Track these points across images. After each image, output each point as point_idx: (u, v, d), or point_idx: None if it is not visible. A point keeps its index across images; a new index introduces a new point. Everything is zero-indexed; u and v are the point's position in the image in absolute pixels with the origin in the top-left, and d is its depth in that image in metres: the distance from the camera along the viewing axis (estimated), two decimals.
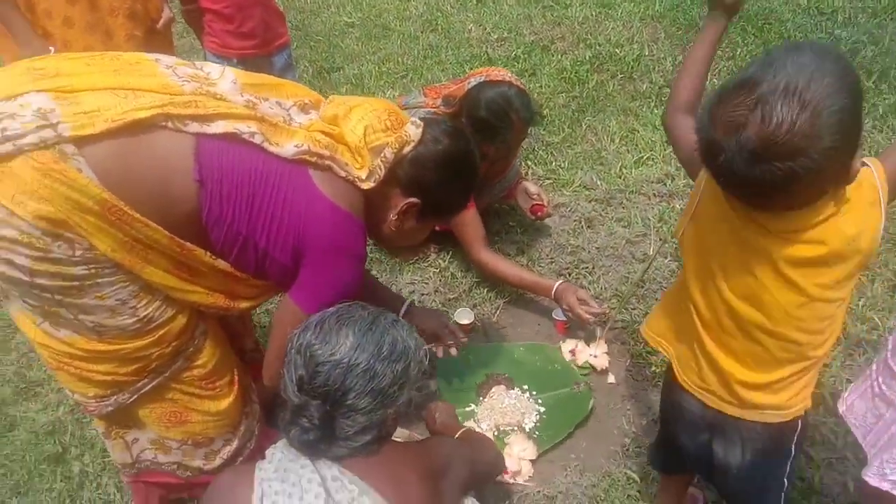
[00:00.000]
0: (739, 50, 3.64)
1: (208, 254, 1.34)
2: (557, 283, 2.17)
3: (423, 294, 2.38)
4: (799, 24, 3.84)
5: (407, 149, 1.44)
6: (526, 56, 3.70)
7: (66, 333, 1.31)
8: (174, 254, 1.30)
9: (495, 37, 3.96)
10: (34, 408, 2.08)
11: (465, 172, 1.55)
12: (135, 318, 1.31)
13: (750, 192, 1.03)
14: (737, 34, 3.77)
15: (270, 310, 2.26)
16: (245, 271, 1.42)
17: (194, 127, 1.25)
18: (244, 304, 1.49)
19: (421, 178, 1.46)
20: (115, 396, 1.43)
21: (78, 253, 1.19)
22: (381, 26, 4.19)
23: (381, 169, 1.40)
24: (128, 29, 2.20)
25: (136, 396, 1.44)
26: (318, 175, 1.36)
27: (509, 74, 2.22)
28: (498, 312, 2.34)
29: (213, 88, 1.32)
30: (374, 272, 2.45)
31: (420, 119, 1.49)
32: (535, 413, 2.00)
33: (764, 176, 0.96)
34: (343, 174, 1.38)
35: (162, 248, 1.28)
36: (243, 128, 1.29)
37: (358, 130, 1.40)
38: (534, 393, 2.06)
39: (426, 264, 2.50)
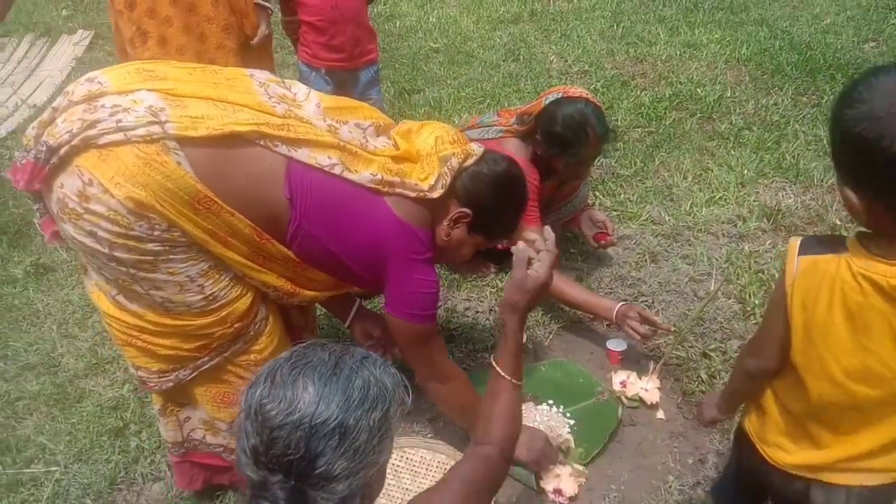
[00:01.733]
0: (826, 98, 3.54)
1: (284, 246, 1.48)
2: (619, 304, 2.16)
3: (477, 312, 2.41)
4: None
5: (469, 161, 1.59)
6: (605, 89, 3.72)
7: (137, 307, 1.43)
8: (253, 242, 1.44)
9: (576, 69, 3.99)
10: (102, 383, 2.20)
11: (516, 197, 1.70)
12: (201, 296, 1.42)
13: None
14: (825, 82, 3.68)
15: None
16: (319, 270, 1.57)
17: (283, 149, 1.41)
18: (308, 293, 1.62)
19: (476, 192, 1.60)
20: (177, 372, 1.53)
21: (155, 233, 1.31)
22: (464, 53, 4.30)
23: (447, 176, 1.55)
24: (220, 38, 2.35)
25: (195, 374, 1.54)
26: (391, 200, 1.52)
27: (586, 92, 2.26)
28: (551, 337, 2.33)
29: (299, 111, 1.47)
30: None
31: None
32: (566, 427, 2.00)
33: None
34: (413, 195, 1.53)
35: (243, 238, 1.42)
36: (324, 160, 1.45)
37: (430, 140, 1.59)
38: (561, 407, 2.06)
39: (484, 283, 2.53)
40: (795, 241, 1.13)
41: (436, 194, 1.53)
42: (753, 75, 3.85)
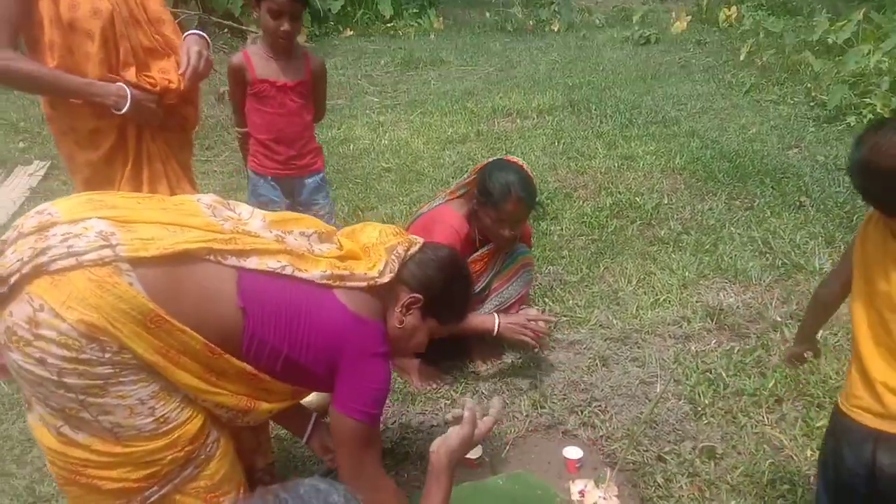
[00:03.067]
0: (757, 201, 3.75)
1: (237, 359, 1.48)
2: (498, 317, 2.38)
3: (432, 425, 2.38)
4: (816, 179, 3.96)
5: (413, 249, 1.72)
6: (549, 201, 3.87)
7: (84, 437, 1.39)
8: (206, 359, 1.43)
9: None
10: None
11: (463, 279, 1.82)
12: (152, 419, 1.39)
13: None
14: (755, 186, 3.91)
15: (284, 435, 2.28)
16: (275, 378, 1.56)
17: (233, 261, 1.46)
18: (264, 407, 1.60)
19: (424, 278, 1.70)
20: None
21: (107, 355, 1.31)
22: (415, 171, 4.46)
23: (394, 262, 1.65)
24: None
25: None
26: (342, 293, 1.57)
27: (522, 162, 2.51)
28: (507, 448, 2.31)
29: (246, 227, 1.53)
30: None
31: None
32: None
33: None
34: (363, 284, 1.59)
35: (194, 354, 1.41)
36: (273, 263, 1.50)
37: (373, 234, 1.72)
38: None
39: (438, 395, 2.52)
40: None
41: (385, 279, 1.61)
42: (688, 183, 4.07)
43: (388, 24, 9.28)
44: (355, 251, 1.67)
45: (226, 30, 7.86)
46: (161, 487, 1.47)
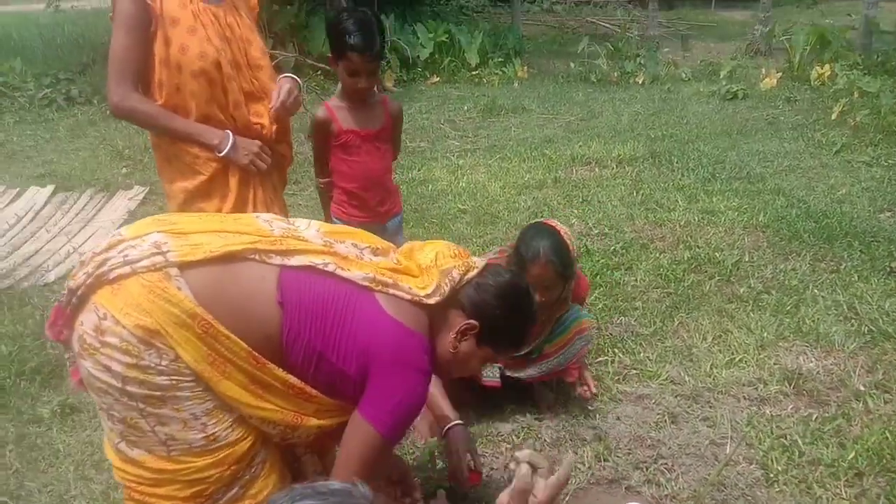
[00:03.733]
0: (844, 264, 3.61)
1: (282, 370, 1.49)
2: (455, 424, 2.15)
3: (492, 468, 2.36)
4: None
5: (471, 274, 1.64)
6: (624, 251, 3.85)
7: (139, 453, 1.46)
8: (251, 367, 1.46)
9: (596, 231, 4.16)
10: None
11: (522, 308, 1.71)
12: (203, 435, 1.45)
13: None
14: (843, 249, 3.77)
15: None
16: (317, 388, 1.54)
17: (277, 260, 1.49)
18: (313, 422, 1.57)
19: (482, 303, 1.63)
20: None
21: (164, 363, 1.39)
22: (490, 214, 4.52)
23: (446, 286, 1.59)
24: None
25: None
26: (383, 297, 1.54)
27: (561, 226, 2.46)
28: (567, 499, 2.27)
29: (298, 234, 1.58)
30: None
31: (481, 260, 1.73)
32: None
33: None
34: (408, 297, 1.56)
35: (240, 362, 1.45)
36: (318, 261, 1.51)
37: (430, 255, 1.65)
38: None
39: (500, 438, 2.50)
40: None
41: (433, 301, 1.56)
42: (771, 241, 3.96)
43: (474, 72, 9.49)
44: (411, 268, 1.64)
45: (319, 72, 8.24)
46: None
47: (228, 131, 2.27)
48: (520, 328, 1.73)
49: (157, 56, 2.17)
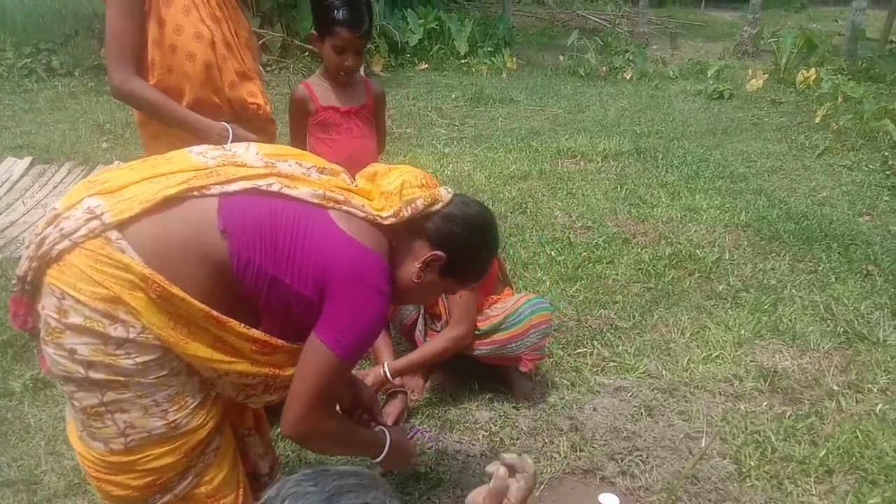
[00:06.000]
0: (822, 265, 3.65)
1: (242, 325, 1.43)
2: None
3: (468, 455, 2.37)
4: (887, 249, 3.84)
5: (437, 206, 1.58)
6: (606, 245, 3.86)
7: (97, 446, 1.43)
8: (212, 327, 1.40)
9: (580, 224, 4.17)
10: (80, 503, 2.16)
11: (489, 240, 1.68)
12: (164, 422, 1.41)
13: None
14: (821, 251, 3.81)
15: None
16: (280, 330, 1.48)
17: (216, 189, 1.40)
18: (290, 371, 1.52)
19: (449, 234, 1.58)
20: None
21: (132, 335, 1.32)
22: None
23: (406, 212, 1.52)
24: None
25: None
26: (336, 214, 1.47)
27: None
28: (542, 488, 2.28)
29: (235, 160, 1.48)
30: (422, 424, 2.48)
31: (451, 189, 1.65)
32: None
33: None
34: (362, 215, 1.49)
35: (200, 322, 1.38)
36: (261, 183, 1.42)
37: (395, 183, 1.55)
38: None
39: (477, 426, 2.51)
40: None
41: (388, 222, 1.50)
42: (752, 240, 4.00)
43: (463, 61, 9.47)
44: (367, 191, 1.56)
45: (307, 53, 8.16)
46: (163, 495, 1.49)
47: (227, 126, 2.22)
48: (485, 261, 1.69)
49: (150, 36, 2.11)
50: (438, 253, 1.57)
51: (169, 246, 1.35)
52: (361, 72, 2.76)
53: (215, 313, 1.39)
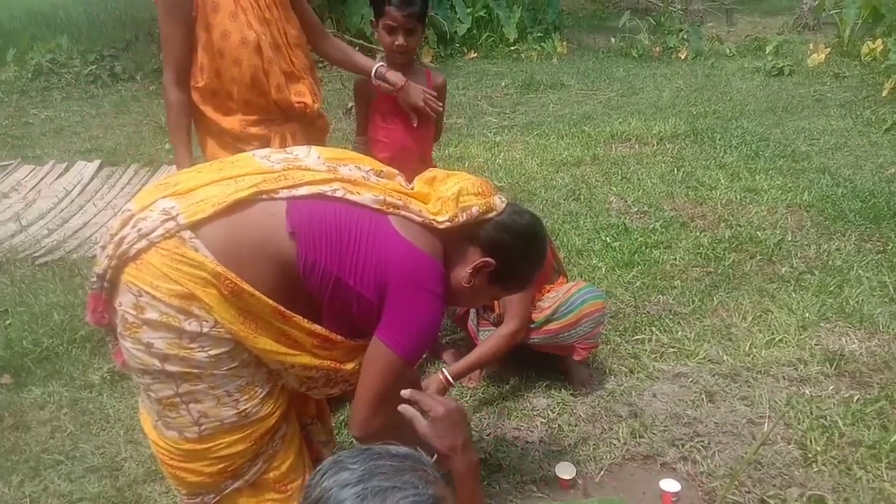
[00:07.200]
0: (892, 245, 3.52)
1: (306, 320, 1.51)
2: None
3: (527, 442, 2.40)
4: None
5: (492, 214, 1.63)
6: (664, 229, 3.81)
7: (172, 435, 1.52)
8: (278, 322, 1.48)
9: (635, 209, 4.12)
10: (159, 489, 2.27)
11: (538, 250, 1.73)
12: (235, 411, 1.50)
13: None
14: (890, 229, 3.67)
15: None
16: (340, 327, 1.56)
17: (284, 193, 1.49)
18: (350, 366, 1.61)
19: (501, 242, 1.62)
20: (202, 496, 1.60)
21: (205, 330, 1.40)
22: (527, 191, 4.50)
23: (461, 217, 1.57)
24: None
25: (218, 497, 1.60)
26: (396, 220, 1.54)
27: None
28: (602, 473, 2.29)
29: (299, 164, 1.56)
30: (479, 415, 2.52)
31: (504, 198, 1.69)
32: None
33: None
34: (419, 220, 1.56)
35: (267, 318, 1.46)
36: (325, 188, 1.51)
37: (453, 189, 1.60)
38: None
39: (535, 413, 2.53)
40: None
41: (444, 226, 1.56)
42: (815, 221, 3.88)
43: (512, 48, 9.40)
44: (425, 194, 1.62)
45: (357, 48, 8.24)
46: (234, 481, 1.58)
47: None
48: (531, 272, 1.74)
49: (199, 41, 2.19)
50: (489, 259, 1.62)
51: (239, 245, 1.43)
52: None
53: (282, 308, 1.47)
